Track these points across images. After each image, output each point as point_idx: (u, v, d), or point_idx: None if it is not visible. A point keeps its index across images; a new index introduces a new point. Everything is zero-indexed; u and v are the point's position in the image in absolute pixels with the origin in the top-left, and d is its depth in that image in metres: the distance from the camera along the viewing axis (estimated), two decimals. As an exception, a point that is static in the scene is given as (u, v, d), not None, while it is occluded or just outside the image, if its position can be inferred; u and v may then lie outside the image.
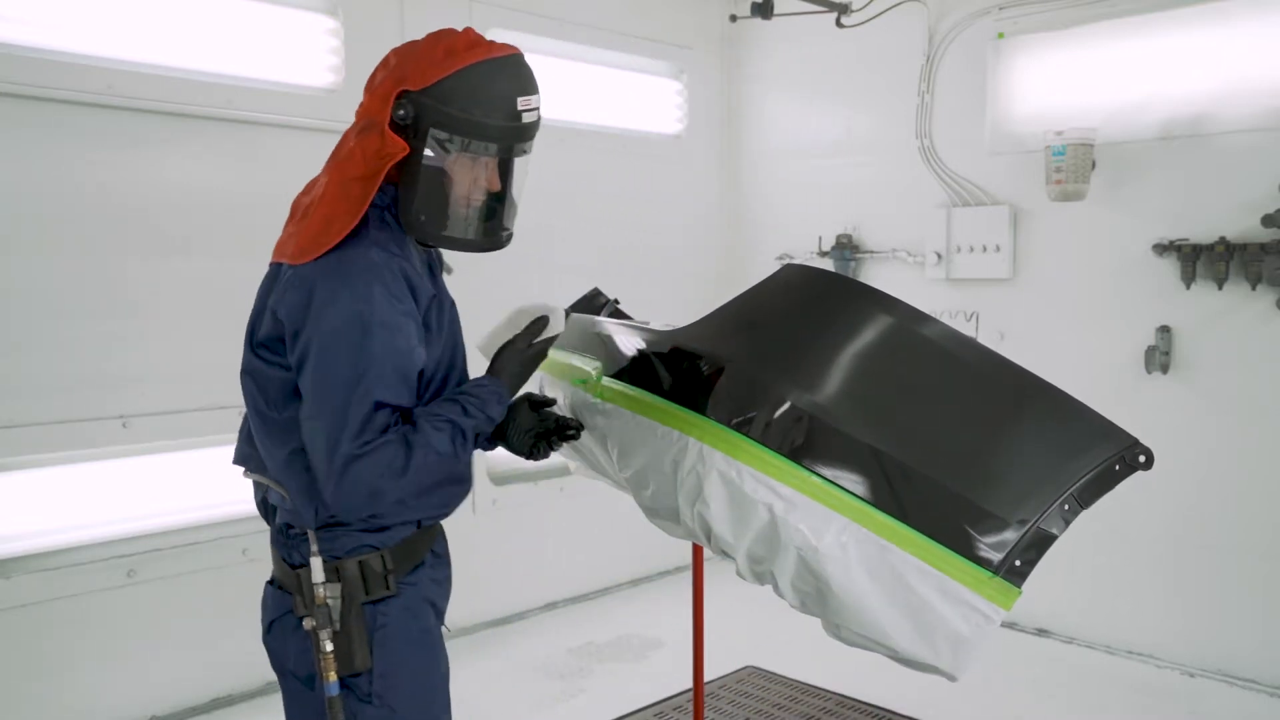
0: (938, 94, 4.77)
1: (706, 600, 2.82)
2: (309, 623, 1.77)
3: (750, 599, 2.46)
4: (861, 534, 1.64)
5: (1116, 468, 1.68)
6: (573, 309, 2.87)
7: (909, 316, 1.85)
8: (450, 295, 1.96)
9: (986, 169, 4.62)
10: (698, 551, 2.74)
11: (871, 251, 5.04)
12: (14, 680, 3.33)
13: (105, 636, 3.51)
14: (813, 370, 1.80)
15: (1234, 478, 3.98)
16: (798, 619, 1.88)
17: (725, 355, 1.89)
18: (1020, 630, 4.51)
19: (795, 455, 1.69)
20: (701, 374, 1.92)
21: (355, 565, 1.79)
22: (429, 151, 1.77)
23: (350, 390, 1.67)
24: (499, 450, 2.11)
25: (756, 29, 5.18)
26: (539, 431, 2.03)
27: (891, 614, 1.65)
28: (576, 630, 4.59)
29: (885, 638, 1.64)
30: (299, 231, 1.79)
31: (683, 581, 4.82)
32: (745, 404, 1.79)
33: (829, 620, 1.73)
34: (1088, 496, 1.67)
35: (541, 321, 1.94)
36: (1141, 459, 1.68)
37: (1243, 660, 3.96)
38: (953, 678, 1.67)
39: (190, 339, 3.65)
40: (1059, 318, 4.41)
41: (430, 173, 1.78)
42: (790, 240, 5.33)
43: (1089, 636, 4.38)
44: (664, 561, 5.30)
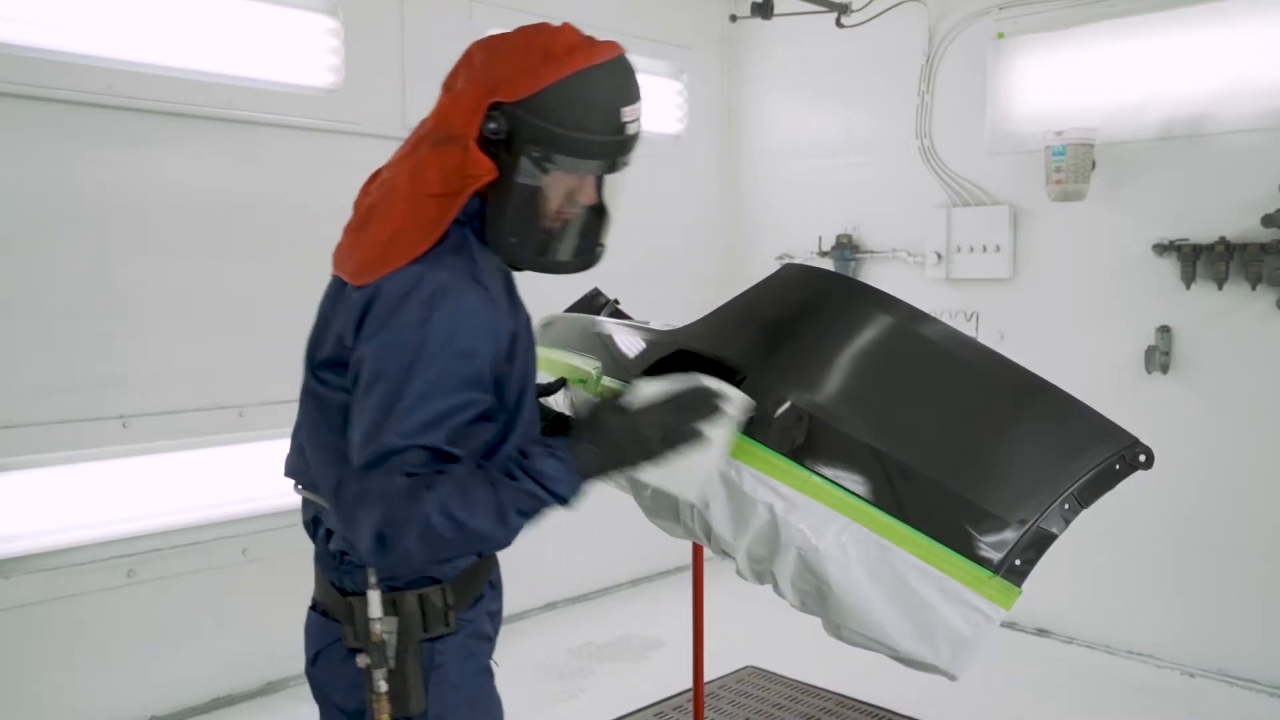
0: (938, 94, 4.77)
1: (706, 600, 2.82)
2: (363, 660, 1.63)
3: (750, 599, 2.46)
4: (862, 533, 1.64)
5: (1117, 467, 1.68)
6: (573, 309, 2.87)
7: (909, 316, 1.85)
8: (527, 313, 1.75)
9: (986, 169, 4.62)
10: (698, 551, 2.74)
11: (871, 251, 5.04)
12: (14, 680, 3.33)
13: (105, 636, 3.50)
14: (813, 370, 1.79)
15: (1234, 478, 3.98)
16: (798, 619, 1.87)
17: (725, 355, 1.89)
18: (1020, 630, 4.51)
19: (795, 455, 1.69)
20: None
21: (415, 600, 1.65)
22: (523, 169, 1.58)
23: (404, 397, 1.46)
24: None
25: (756, 29, 5.18)
26: None
27: (892, 614, 1.64)
28: (576, 630, 4.58)
29: (885, 637, 1.64)
30: (358, 244, 1.61)
31: (683, 581, 4.82)
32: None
33: (829, 620, 1.73)
34: (1088, 496, 1.66)
35: (704, 399, 1.60)
36: (1142, 458, 1.68)
37: (1243, 660, 3.96)
38: (953, 677, 1.66)
39: (190, 339, 3.65)
40: (1059, 318, 4.41)
41: (523, 191, 1.60)
42: (790, 240, 5.33)
43: (1089, 636, 4.38)
44: (664, 561, 5.30)
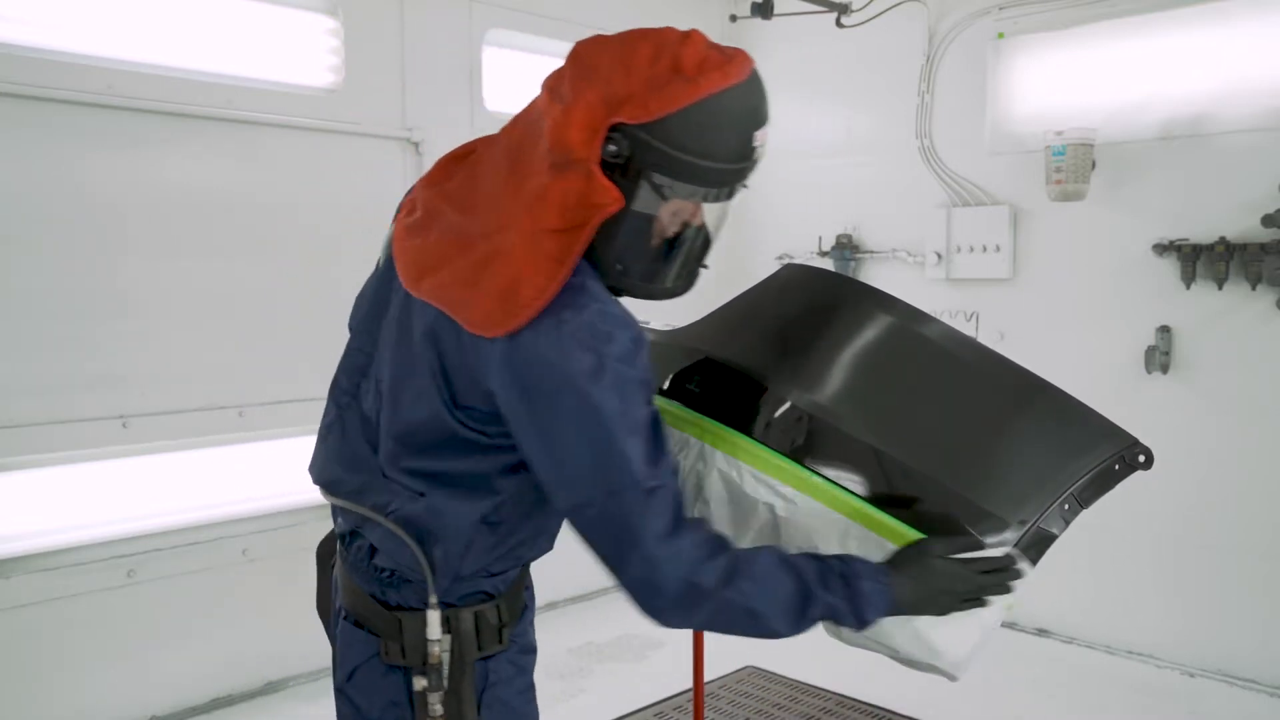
0: (938, 94, 4.77)
1: (707, 600, 2.81)
2: (419, 683, 1.52)
3: (750, 599, 2.46)
4: (862, 534, 1.64)
5: (1116, 467, 1.68)
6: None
7: (909, 316, 1.85)
8: None
9: (986, 169, 4.62)
10: (698, 551, 2.74)
11: (871, 251, 5.04)
12: (14, 680, 3.32)
13: (105, 636, 3.50)
14: (813, 370, 1.80)
15: (1234, 478, 3.98)
16: (798, 619, 1.87)
17: (726, 355, 1.89)
18: (1020, 630, 4.51)
19: (796, 455, 1.69)
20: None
21: (471, 618, 1.57)
22: (640, 196, 1.43)
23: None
24: None
25: (756, 29, 5.17)
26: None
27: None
28: (576, 630, 4.58)
29: (885, 637, 1.64)
30: (469, 283, 1.41)
31: (683, 581, 4.81)
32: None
33: (829, 620, 1.73)
34: (1088, 496, 1.67)
35: (1009, 574, 1.58)
36: (1142, 459, 1.68)
37: (1243, 660, 3.96)
38: (953, 678, 1.66)
39: (190, 339, 3.65)
40: (1059, 318, 4.41)
41: (636, 219, 1.45)
42: (790, 240, 5.32)
43: (1089, 636, 4.38)
44: (664, 561, 5.29)
